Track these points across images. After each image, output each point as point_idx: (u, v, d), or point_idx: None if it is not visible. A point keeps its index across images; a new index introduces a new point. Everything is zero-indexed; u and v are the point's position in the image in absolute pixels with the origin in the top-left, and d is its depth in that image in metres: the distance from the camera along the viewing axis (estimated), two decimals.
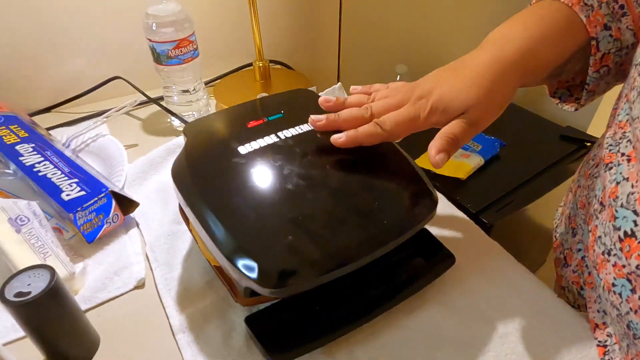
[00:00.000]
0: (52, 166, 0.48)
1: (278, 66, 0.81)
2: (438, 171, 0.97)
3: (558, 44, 0.37)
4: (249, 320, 0.36)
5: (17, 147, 0.51)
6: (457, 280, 0.41)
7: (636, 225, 0.31)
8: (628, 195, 0.32)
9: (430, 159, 0.34)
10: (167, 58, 0.57)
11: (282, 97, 0.49)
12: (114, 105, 0.63)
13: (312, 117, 0.40)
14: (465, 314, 0.39)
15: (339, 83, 0.67)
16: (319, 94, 0.64)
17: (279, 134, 0.41)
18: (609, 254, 0.33)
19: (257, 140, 0.40)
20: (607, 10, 0.37)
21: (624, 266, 0.31)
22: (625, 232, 0.31)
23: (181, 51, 0.57)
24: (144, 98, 0.65)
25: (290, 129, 0.41)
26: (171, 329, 0.38)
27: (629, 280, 0.31)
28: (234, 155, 0.38)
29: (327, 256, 0.32)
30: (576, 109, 0.45)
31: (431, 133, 0.36)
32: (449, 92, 0.36)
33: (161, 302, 0.40)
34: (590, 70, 0.39)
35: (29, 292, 0.31)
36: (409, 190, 0.38)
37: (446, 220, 0.48)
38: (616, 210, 0.33)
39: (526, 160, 1.05)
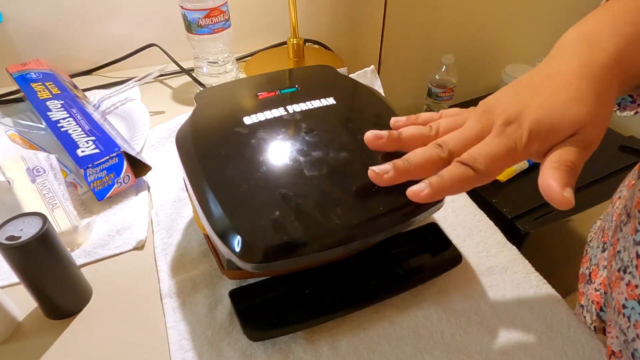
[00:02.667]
0: (75, 123, 0.49)
1: (316, 46, 0.79)
2: None
3: None
4: (233, 294, 0.35)
5: (48, 103, 0.53)
6: (462, 282, 0.38)
7: None
8: None
9: (554, 198, 0.25)
10: (197, 27, 0.57)
11: (301, 72, 0.47)
12: (149, 72, 0.64)
13: (368, 133, 0.32)
14: (465, 318, 0.36)
15: (372, 66, 0.64)
16: (349, 75, 0.62)
17: (288, 107, 0.39)
18: (624, 272, 0.29)
19: (264, 112, 0.38)
20: None
21: (636, 286, 0.27)
22: None
23: (212, 20, 0.57)
24: (176, 67, 0.65)
25: (301, 104, 0.39)
26: (160, 292, 0.38)
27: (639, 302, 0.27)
28: (237, 125, 0.37)
29: (313, 237, 0.30)
30: (636, 112, 0.38)
31: None
32: (550, 111, 0.27)
33: (155, 265, 0.40)
34: None
35: (20, 237, 0.31)
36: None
37: (463, 217, 0.45)
38: (639, 223, 0.28)
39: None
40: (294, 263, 0.31)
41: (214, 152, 0.35)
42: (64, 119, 0.50)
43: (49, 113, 0.51)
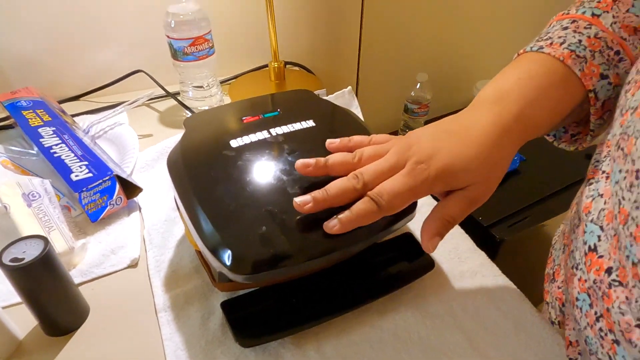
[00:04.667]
0: (67, 149, 0.52)
1: (296, 68, 0.83)
2: None
3: (556, 105, 0.35)
4: (225, 305, 0.38)
5: (40, 130, 0.55)
6: (435, 287, 0.42)
7: (599, 240, 0.30)
8: (599, 212, 0.31)
9: (422, 242, 0.33)
10: (183, 54, 0.60)
11: (283, 96, 0.51)
12: (136, 98, 0.67)
13: (298, 162, 0.35)
14: (440, 320, 0.39)
15: (349, 87, 0.68)
16: (328, 97, 0.65)
17: (271, 130, 0.42)
18: (576, 268, 0.33)
19: (249, 135, 0.42)
20: (601, 59, 0.35)
21: (585, 280, 0.31)
22: (589, 247, 0.31)
23: (197, 48, 0.60)
24: (161, 92, 0.68)
25: (283, 127, 0.43)
26: (155, 307, 0.40)
27: (589, 295, 0.31)
28: (225, 148, 0.40)
29: (297, 250, 0.33)
30: (576, 149, 0.43)
31: None
32: (454, 164, 0.32)
33: (149, 281, 0.43)
34: (592, 119, 0.37)
35: (23, 259, 0.33)
36: None
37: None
38: (586, 225, 0.32)
39: (546, 177, 1.02)
40: (281, 274, 0.34)
41: (204, 174, 0.38)
42: (56, 145, 0.52)
43: (41, 140, 0.53)
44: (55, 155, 0.51)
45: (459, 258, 0.45)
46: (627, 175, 0.27)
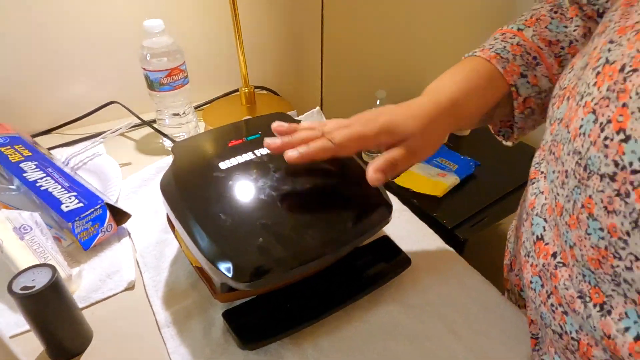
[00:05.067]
0: (53, 181, 0.53)
1: (264, 92, 0.87)
2: (415, 189, 1.03)
3: (483, 94, 0.44)
4: (226, 315, 0.41)
5: (22, 165, 0.56)
6: (413, 281, 0.47)
7: (544, 230, 0.36)
8: (542, 206, 0.37)
9: (367, 175, 0.39)
10: (159, 85, 0.63)
11: (261, 120, 0.55)
12: (111, 128, 0.69)
13: (266, 140, 0.41)
14: (420, 310, 0.44)
15: (317, 107, 0.73)
16: (299, 118, 0.70)
17: (256, 152, 0.46)
18: (528, 256, 0.39)
19: (236, 157, 0.45)
20: (521, 61, 0.44)
21: (536, 265, 0.37)
22: (537, 236, 0.37)
23: (172, 79, 0.63)
24: (138, 121, 0.71)
25: (264, 148, 0.47)
26: (157, 324, 0.43)
27: (540, 277, 0.37)
28: (215, 170, 0.44)
29: (292, 256, 0.37)
30: (512, 144, 0.51)
31: None
32: (396, 119, 0.41)
33: (149, 301, 0.45)
34: (515, 112, 0.45)
35: (34, 286, 0.35)
36: (366, 199, 0.43)
37: (408, 229, 0.54)
38: (533, 218, 0.38)
39: (500, 180, 1.11)
40: (280, 279, 0.38)
41: (198, 194, 0.42)
42: (41, 178, 0.54)
43: (24, 174, 0.54)
44: (42, 188, 0.52)
45: (431, 255, 0.50)
46: (559, 174, 0.33)
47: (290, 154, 0.39)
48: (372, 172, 0.38)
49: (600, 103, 0.28)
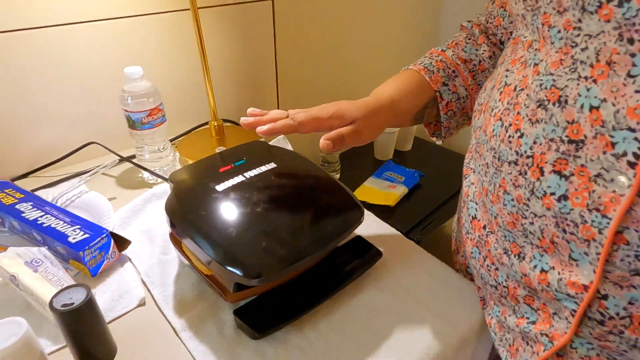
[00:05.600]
0: (54, 218, 0.58)
1: (228, 124, 0.96)
2: (371, 201, 1.15)
3: (415, 96, 0.57)
4: (237, 312, 0.48)
5: (17, 207, 0.60)
6: (385, 269, 0.56)
7: (476, 210, 0.48)
8: (473, 193, 0.49)
9: (320, 144, 0.48)
10: (141, 124, 0.70)
11: (242, 148, 0.63)
12: (89, 167, 0.73)
13: (242, 119, 0.50)
14: (392, 291, 0.54)
15: (282, 135, 0.82)
16: (269, 143, 0.79)
17: (245, 174, 0.55)
18: (467, 233, 0.50)
19: (229, 180, 0.53)
20: (443, 73, 0.58)
21: (474, 238, 0.49)
22: (472, 216, 0.49)
23: (153, 118, 0.70)
24: (118, 158, 0.76)
25: (253, 170, 0.55)
26: (174, 330, 0.49)
27: (477, 247, 0.48)
28: (214, 192, 0.52)
29: (291, 254, 0.46)
30: (441, 142, 0.65)
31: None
32: (346, 107, 0.52)
33: (162, 313, 0.51)
34: (441, 113, 0.59)
35: (72, 303, 0.41)
36: (343, 206, 0.53)
37: (374, 229, 0.64)
38: (468, 204, 0.50)
39: (442, 186, 1.26)
40: (282, 273, 0.46)
41: (202, 213, 0.49)
42: (41, 216, 0.58)
43: (22, 215, 0.58)
44: (44, 225, 0.57)
45: (396, 247, 0.61)
46: (482, 167, 0.45)
47: (260, 128, 0.47)
48: (323, 140, 0.48)
49: (504, 113, 0.41)
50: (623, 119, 0.31)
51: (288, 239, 0.47)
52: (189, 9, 0.77)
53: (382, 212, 1.14)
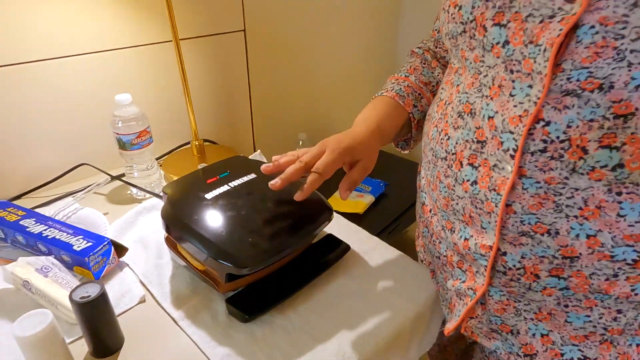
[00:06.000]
0: (57, 230, 0.64)
1: (208, 143, 1.04)
2: (341, 210, 1.24)
3: (394, 119, 0.64)
4: (228, 300, 0.56)
5: (21, 222, 0.66)
6: (353, 260, 0.66)
7: (425, 198, 0.59)
8: (423, 185, 0.60)
9: (341, 194, 0.55)
10: (130, 145, 0.78)
11: (225, 162, 0.72)
12: (80, 186, 0.80)
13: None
14: (360, 277, 0.63)
15: (259, 150, 0.92)
16: (248, 157, 0.88)
17: (229, 184, 0.64)
18: (419, 217, 0.61)
19: (217, 189, 0.62)
20: (412, 97, 0.66)
21: (424, 221, 0.59)
22: (422, 203, 0.60)
23: (141, 139, 0.78)
24: (108, 177, 0.83)
25: (236, 180, 0.64)
26: (174, 321, 0.56)
27: (427, 227, 0.59)
28: (203, 199, 0.60)
29: (274, 247, 0.55)
30: (408, 151, 0.75)
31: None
32: (352, 145, 0.57)
33: (161, 307, 0.58)
34: (413, 130, 0.68)
35: (89, 296, 0.48)
36: (315, 207, 0.62)
37: (342, 228, 0.74)
38: (420, 194, 0.61)
39: (405, 195, 1.37)
40: (267, 263, 0.54)
41: (194, 217, 0.57)
42: (45, 230, 0.64)
43: (27, 229, 0.65)
44: (49, 237, 0.63)
45: (361, 242, 0.70)
46: (426, 163, 0.56)
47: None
48: (343, 192, 0.55)
49: (438, 121, 0.52)
50: (507, 125, 0.43)
51: (270, 235, 0.56)
52: (171, 41, 0.86)
53: (352, 219, 1.22)
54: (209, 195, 0.61)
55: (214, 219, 0.57)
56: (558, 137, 0.40)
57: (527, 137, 0.42)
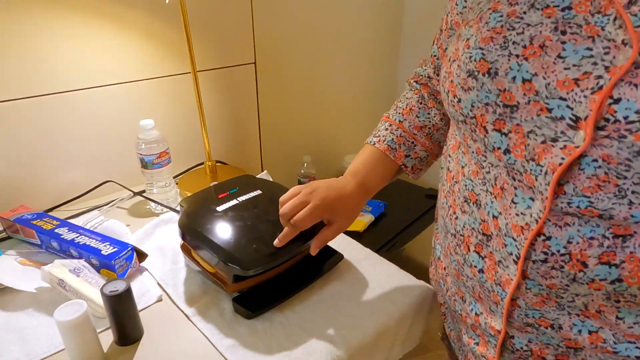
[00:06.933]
0: (87, 238, 0.74)
1: (219, 164, 1.14)
2: None
3: (382, 174, 0.67)
4: (235, 299, 0.64)
5: (56, 230, 0.76)
6: (346, 268, 0.74)
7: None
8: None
9: (311, 250, 0.63)
10: (152, 165, 0.88)
11: (235, 180, 0.81)
12: (105, 201, 0.90)
13: (275, 242, 0.62)
14: (352, 283, 0.71)
15: (265, 171, 1.01)
16: (256, 177, 0.98)
17: (238, 199, 0.73)
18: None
19: (227, 203, 0.71)
20: (404, 147, 0.66)
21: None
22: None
23: (161, 159, 0.88)
24: (130, 193, 0.93)
25: (244, 196, 0.73)
26: (186, 317, 0.64)
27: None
28: (215, 212, 0.69)
29: (275, 253, 0.63)
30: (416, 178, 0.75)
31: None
32: (337, 204, 0.62)
33: (176, 305, 0.67)
34: (409, 175, 0.69)
35: (117, 290, 0.57)
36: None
37: (342, 242, 0.82)
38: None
39: (403, 214, 1.45)
40: (269, 267, 0.63)
41: (207, 226, 0.66)
42: (77, 237, 0.74)
43: (62, 236, 0.74)
44: (81, 243, 0.72)
45: (354, 252, 0.78)
46: (440, 227, 0.58)
47: (275, 243, 0.62)
48: (313, 249, 0.63)
49: (448, 194, 0.52)
50: (510, 231, 0.41)
51: (271, 243, 0.64)
52: (189, 72, 0.98)
53: (352, 236, 1.31)
54: (219, 208, 0.70)
55: (223, 228, 0.66)
56: (559, 251, 0.41)
57: (530, 247, 0.42)
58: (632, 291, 0.39)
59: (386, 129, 0.69)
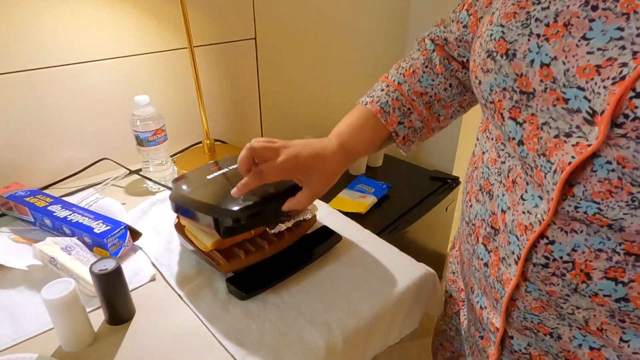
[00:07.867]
0: (80, 215, 0.72)
1: (218, 142, 1.12)
2: (344, 209, 1.30)
3: (369, 138, 0.61)
4: (229, 280, 0.63)
5: (49, 208, 0.74)
6: (344, 248, 0.72)
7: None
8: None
9: (282, 208, 0.58)
10: (147, 142, 0.85)
11: (231, 158, 0.79)
12: (100, 179, 0.88)
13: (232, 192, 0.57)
14: (349, 264, 0.69)
15: None
16: None
17: (228, 167, 0.70)
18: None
19: (215, 172, 0.69)
20: (399, 112, 0.60)
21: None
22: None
23: (157, 137, 0.86)
24: (126, 171, 0.91)
25: (234, 166, 0.71)
26: (180, 297, 0.63)
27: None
28: (205, 180, 0.67)
29: (255, 204, 0.59)
30: (407, 154, 0.70)
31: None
32: (311, 162, 0.55)
33: (169, 284, 0.65)
34: (399, 145, 0.63)
35: (106, 269, 0.55)
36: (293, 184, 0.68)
37: (337, 222, 0.80)
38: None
39: (407, 197, 1.43)
40: (254, 222, 0.60)
41: (198, 193, 0.64)
42: (69, 214, 0.72)
43: (54, 214, 0.73)
44: (73, 221, 0.71)
45: (353, 233, 0.76)
46: (462, 212, 0.55)
47: (233, 192, 0.57)
48: (284, 207, 0.58)
49: (469, 178, 0.51)
50: (515, 228, 0.39)
51: (257, 203, 0.61)
52: (186, 48, 0.94)
53: (354, 218, 1.29)
54: (209, 177, 0.68)
55: (212, 190, 0.64)
56: (561, 257, 0.39)
57: (531, 249, 0.41)
58: (639, 313, 0.36)
59: (382, 90, 0.62)
